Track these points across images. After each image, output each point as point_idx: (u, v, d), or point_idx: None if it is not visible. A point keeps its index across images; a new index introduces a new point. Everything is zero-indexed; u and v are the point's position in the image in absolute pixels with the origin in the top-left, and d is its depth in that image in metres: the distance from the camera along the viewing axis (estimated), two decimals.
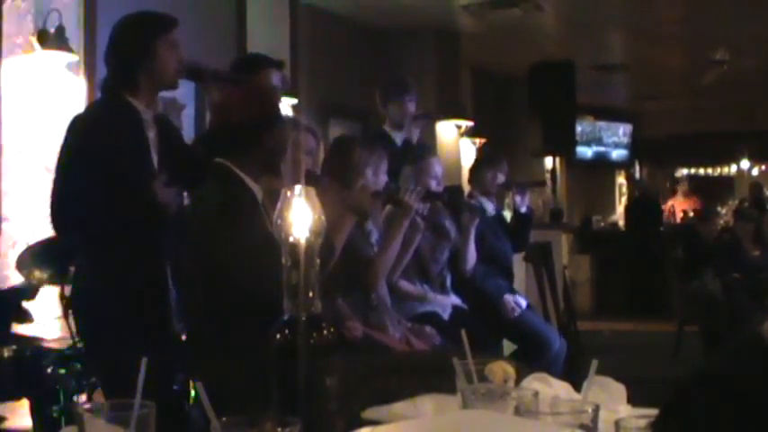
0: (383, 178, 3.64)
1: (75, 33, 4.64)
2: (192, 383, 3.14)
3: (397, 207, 3.45)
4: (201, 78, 3.02)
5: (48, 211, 2.72)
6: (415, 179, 3.94)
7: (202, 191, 2.80)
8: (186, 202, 3.11)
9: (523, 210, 4.83)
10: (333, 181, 3.33)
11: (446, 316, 4.02)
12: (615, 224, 13.06)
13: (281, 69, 3.67)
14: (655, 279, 10.05)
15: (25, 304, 3.64)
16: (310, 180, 2.97)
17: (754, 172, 14.47)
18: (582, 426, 1.08)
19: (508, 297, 4.43)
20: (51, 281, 3.55)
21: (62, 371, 3.22)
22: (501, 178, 4.67)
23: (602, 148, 12.39)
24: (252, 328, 1.84)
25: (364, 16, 7.67)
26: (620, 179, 14.22)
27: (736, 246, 7.38)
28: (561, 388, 1.43)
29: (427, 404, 1.41)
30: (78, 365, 3.24)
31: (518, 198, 4.80)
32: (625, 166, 13.51)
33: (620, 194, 14.20)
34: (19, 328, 3.66)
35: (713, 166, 14.94)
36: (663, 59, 9.44)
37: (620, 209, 13.84)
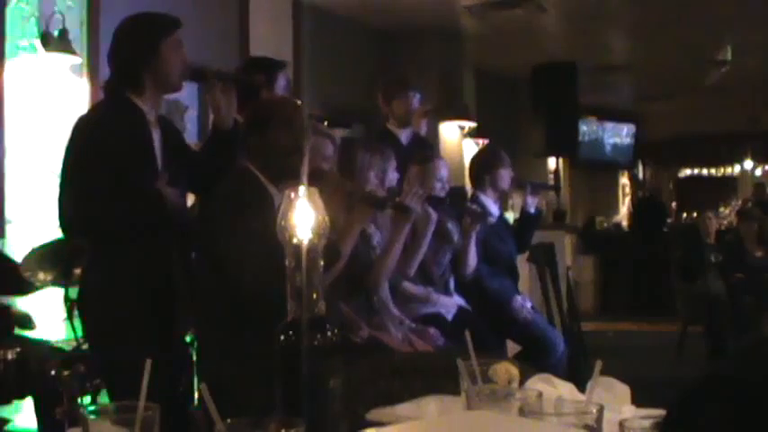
0: (394, 176, 3.63)
1: (78, 36, 4.65)
2: (196, 385, 3.14)
3: (400, 212, 3.43)
4: (204, 78, 3.02)
5: (53, 212, 2.72)
6: (422, 181, 3.94)
7: (220, 191, 2.81)
8: (189, 203, 3.11)
9: (532, 210, 4.80)
10: (338, 175, 3.32)
11: (450, 317, 4.01)
12: (619, 225, 13.05)
13: (285, 71, 3.71)
14: (658, 280, 10.04)
15: (29, 309, 3.66)
16: (314, 175, 2.97)
17: (758, 172, 14.45)
18: (586, 426, 1.08)
19: (518, 299, 4.41)
20: (56, 282, 3.56)
21: (66, 372, 3.22)
22: (507, 177, 4.62)
23: (605, 149, 12.38)
24: (256, 330, 1.84)
25: (367, 17, 7.67)
26: (624, 180, 14.21)
27: (739, 246, 7.37)
28: (565, 389, 1.43)
29: (431, 405, 1.42)
30: (82, 367, 3.24)
31: (529, 199, 4.78)
32: (628, 166, 13.50)
33: (624, 195, 14.19)
34: (23, 331, 3.68)
35: (716, 166, 14.92)
36: (666, 60, 9.43)
37: (624, 209, 13.83)
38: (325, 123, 5.42)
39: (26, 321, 3.71)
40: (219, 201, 2.79)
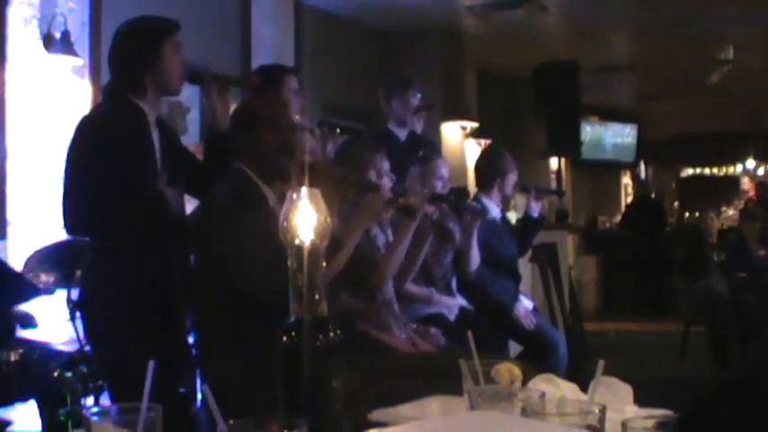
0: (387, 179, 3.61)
1: (80, 38, 4.65)
2: (198, 386, 3.14)
3: (406, 214, 3.42)
4: (202, 81, 3.04)
5: (55, 213, 2.73)
6: (422, 181, 3.93)
7: (215, 193, 2.82)
8: (188, 205, 3.12)
9: (536, 215, 4.79)
10: (333, 166, 3.32)
11: (452, 317, 4.01)
12: (621, 225, 13.04)
13: (293, 75, 3.73)
14: (661, 279, 10.04)
15: (31, 309, 3.65)
16: (304, 168, 2.98)
17: (760, 171, 14.44)
18: (589, 426, 1.08)
19: (520, 307, 4.40)
20: (58, 284, 3.56)
21: (69, 374, 3.22)
22: (513, 181, 4.61)
23: (607, 149, 12.37)
24: (258, 331, 1.84)
25: (369, 18, 7.67)
26: (626, 179, 14.20)
27: (742, 245, 7.37)
28: (568, 389, 1.43)
29: (434, 406, 1.42)
30: (85, 368, 3.24)
31: (533, 203, 4.77)
32: (630, 166, 13.49)
33: (626, 195, 14.17)
34: (25, 332, 3.67)
35: (718, 165, 14.91)
36: (668, 59, 9.42)
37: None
38: (338, 131, 5.41)
39: (28, 321, 3.71)
40: (217, 201, 2.80)
